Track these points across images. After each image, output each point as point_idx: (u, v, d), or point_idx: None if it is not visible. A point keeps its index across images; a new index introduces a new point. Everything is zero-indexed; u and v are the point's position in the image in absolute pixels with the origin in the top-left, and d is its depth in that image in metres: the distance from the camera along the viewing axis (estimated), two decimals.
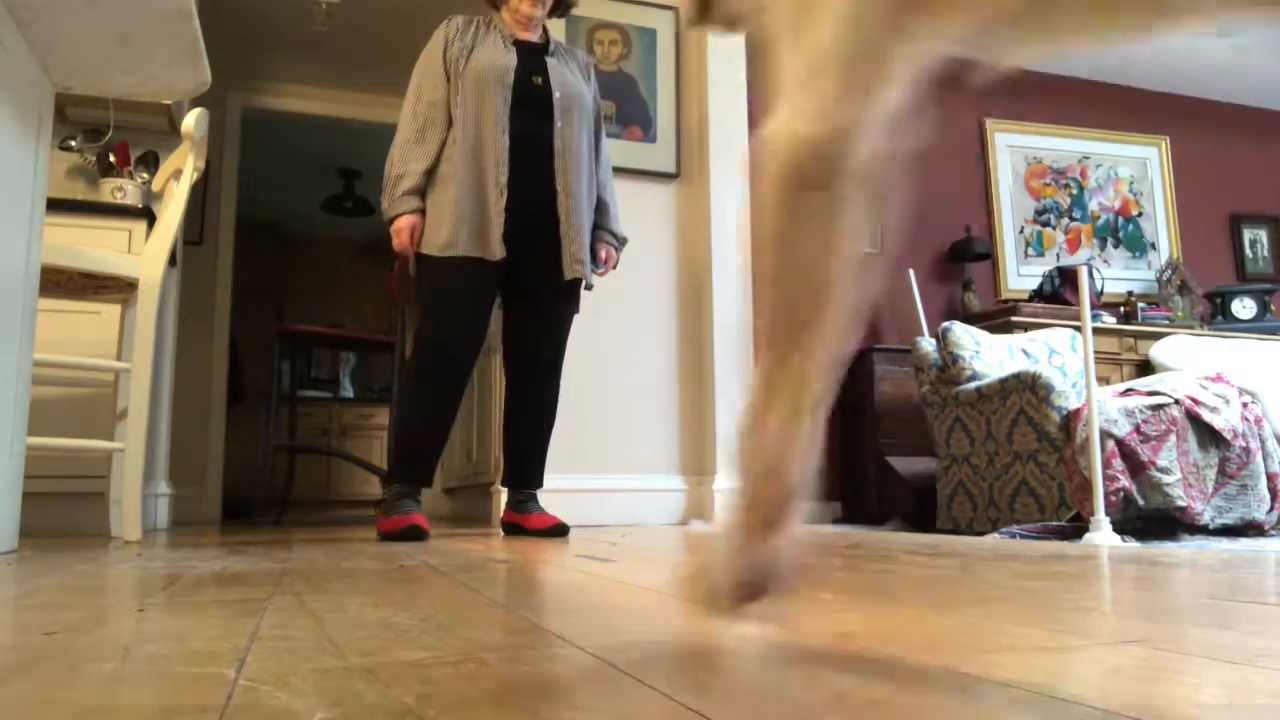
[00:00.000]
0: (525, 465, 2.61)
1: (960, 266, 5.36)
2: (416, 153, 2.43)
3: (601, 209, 2.67)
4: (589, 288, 2.63)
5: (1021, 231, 5.61)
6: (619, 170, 3.51)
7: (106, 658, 0.63)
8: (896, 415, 4.66)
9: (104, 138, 3.22)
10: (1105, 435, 3.12)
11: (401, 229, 2.43)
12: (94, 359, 2.50)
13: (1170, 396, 3.31)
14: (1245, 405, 3.43)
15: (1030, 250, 5.61)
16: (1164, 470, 3.14)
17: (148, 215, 2.93)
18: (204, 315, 4.44)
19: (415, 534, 2.22)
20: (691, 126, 3.75)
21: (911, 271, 4.84)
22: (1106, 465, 3.08)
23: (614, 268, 2.72)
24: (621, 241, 2.72)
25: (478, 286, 2.43)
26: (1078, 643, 0.68)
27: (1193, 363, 4.62)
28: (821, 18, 0.66)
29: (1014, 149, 5.67)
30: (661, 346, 3.58)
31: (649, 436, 3.49)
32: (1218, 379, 3.50)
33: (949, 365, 3.79)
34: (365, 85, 4.91)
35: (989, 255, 5.30)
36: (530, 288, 2.54)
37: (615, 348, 3.49)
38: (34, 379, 2.04)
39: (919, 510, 4.23)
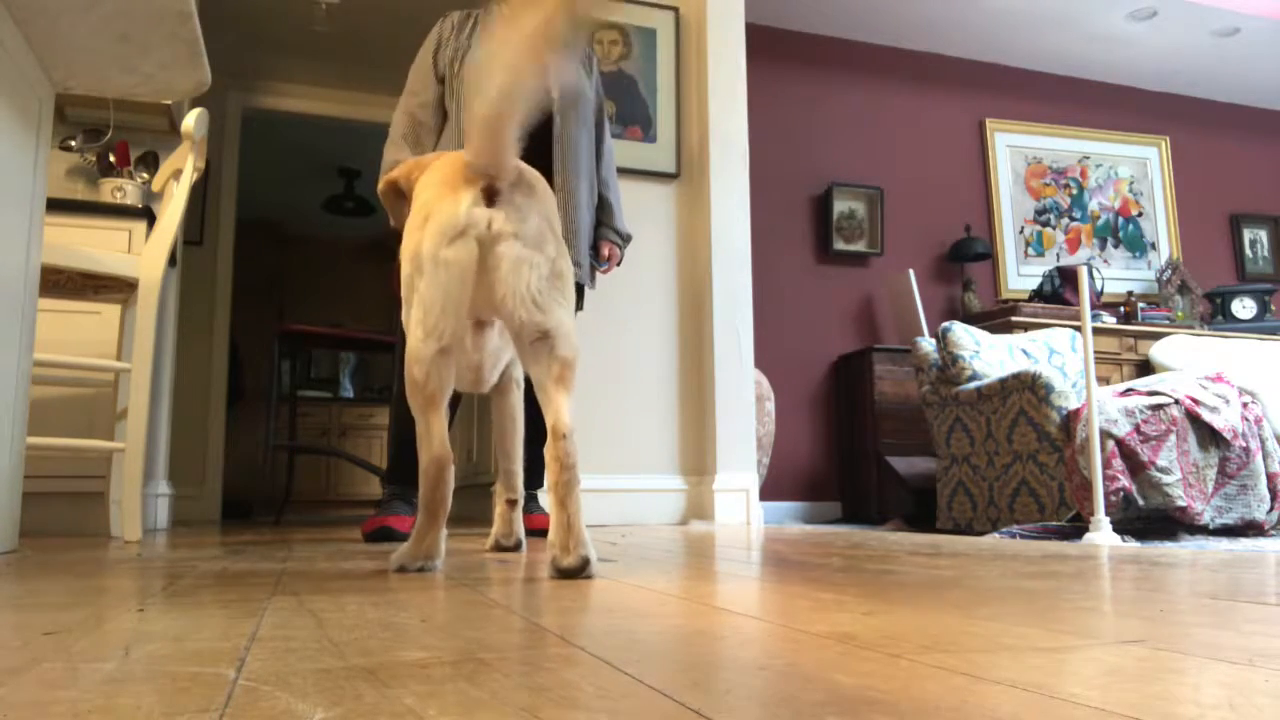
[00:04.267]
0: (526, 465, 2.60)
1: (960, 266, 5.36)
2: (409, 152, 2.42)
3: (604, 207, 2.64)
4: (591, 286, 2.62)
5: (1021, 231, 5.61)
6: (619, 170, 3.51)
7: (106, 658, 0.63)
8: (896, 415, 4.66)
9: (104, 138, 3.22)
10: (1105, 435, 3.12)
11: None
12: (94, 359, 2.50)
13: (1170, 396, 3.31)
14: (1245, 405, 3.43)
15: (1030, 250, 5.61)
16: (1164, 470, 3.14)
17: (148, 215, 2.93)
18: (204, 315, 4.45)
19: (385, 535, 2.22)
20: (691, 126, 3.75)
21: (911, 271, 4.85)
22: (1106, 465, 3.08)
23: (618, 264, 2.71)
24: (626, 239, 2.70)
25: None
26: (1077, 643, 0.68)
27: (1193, 363, 4.62)
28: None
29: (1014, 149, 5.67)
30: (662, 346, 3.58)
31: (649, 436, 3.50)
32: (1218, 379, 3.50)
33: (949, 365, 3.79)
34: (365, 85, 4.91)
35: (989, 255, 5.31)
36: None
37: (615, 348, 3.49)
38: (34, 379, 2.04)
39: (919, 510, 4.23)
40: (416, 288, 1.30)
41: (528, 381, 2.65)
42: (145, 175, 3.25)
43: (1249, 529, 3.34)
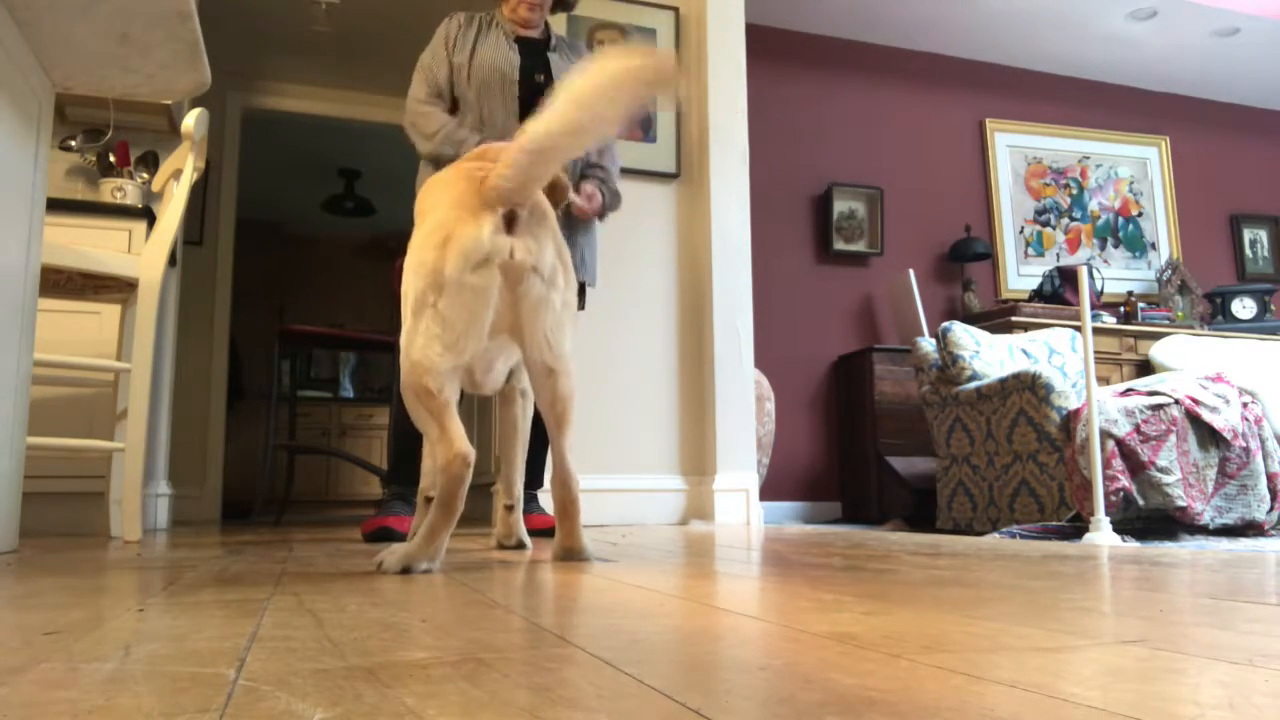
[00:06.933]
0: (526, 465, 2.60)
1: (960, 266, 5.36)
2: (439, 111, 2.40)
3: (601, 168, 2.55)
4: (592, 285, 2.62)
5: (1021, 231, 5.61)
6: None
7: (106, 658, 0.63)
8: (896, 415, 4.66)
9: (104, 138, 3.22)
10: (1105, 435, 3.12)
11: None
12: (94, 359, 2.50)
13: (1170, 396, 3.30)
14: (1245, 405, 3.43)
15: (1030, 250, 5.61)
16: (1164, 470, 3.14)
17: (148, 215, 2.93)
18: (204, 315, 4.45)
19: (385, 535, 2.22)
20: (691, 126, 3.75)
21: (911, 271, 4.85)
22: (1106, 465, 3.08)
23: (595, 211, 2.53)
24: (613, 195, 2.57)
25: None
26: (1078, 643, 0.68)
27: (1193, 363, 4.62)
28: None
29: (1014, 149, 5.67)
30: (662, 346, 3.58)
31: (649, 436, 3.49)
32: (1218, 379, 3.50)
33: (949, 365, 3.79)
34: (365, 85, 4.91)
35: (989, 255, 5.31)
36: None
37: (616, 348, 3.49)
38: (34, 379, 2.04)
39: (919, 510, 4.23)
40: (431, 303, 1.33)
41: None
42: (145, 175, 3.25)
43: (1249, 529, 3.34)
